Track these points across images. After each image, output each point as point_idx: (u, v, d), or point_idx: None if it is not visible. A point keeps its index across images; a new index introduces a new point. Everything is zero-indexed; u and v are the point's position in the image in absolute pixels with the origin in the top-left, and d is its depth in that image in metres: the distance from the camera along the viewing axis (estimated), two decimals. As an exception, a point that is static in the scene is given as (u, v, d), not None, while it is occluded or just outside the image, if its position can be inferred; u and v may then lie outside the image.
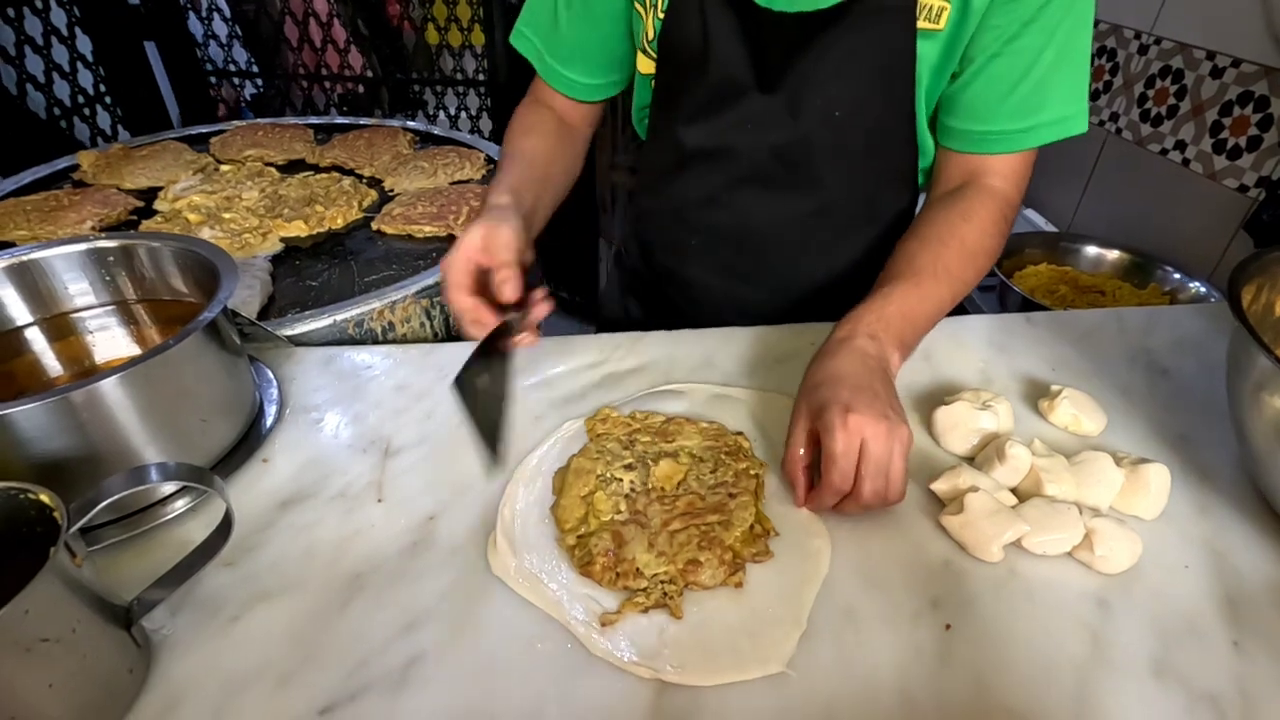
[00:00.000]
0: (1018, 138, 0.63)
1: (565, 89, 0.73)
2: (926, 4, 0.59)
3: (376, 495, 0.54)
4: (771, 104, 0.65)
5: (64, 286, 0.55)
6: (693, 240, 0.78)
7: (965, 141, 0.65)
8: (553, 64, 0.72)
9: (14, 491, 0.37)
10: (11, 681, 0.33)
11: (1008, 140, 0.63)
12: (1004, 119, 0.62)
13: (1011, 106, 0.61)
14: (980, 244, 0.62)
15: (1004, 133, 0.63)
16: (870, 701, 0.41)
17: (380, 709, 0.40)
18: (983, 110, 0.62)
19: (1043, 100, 0.61)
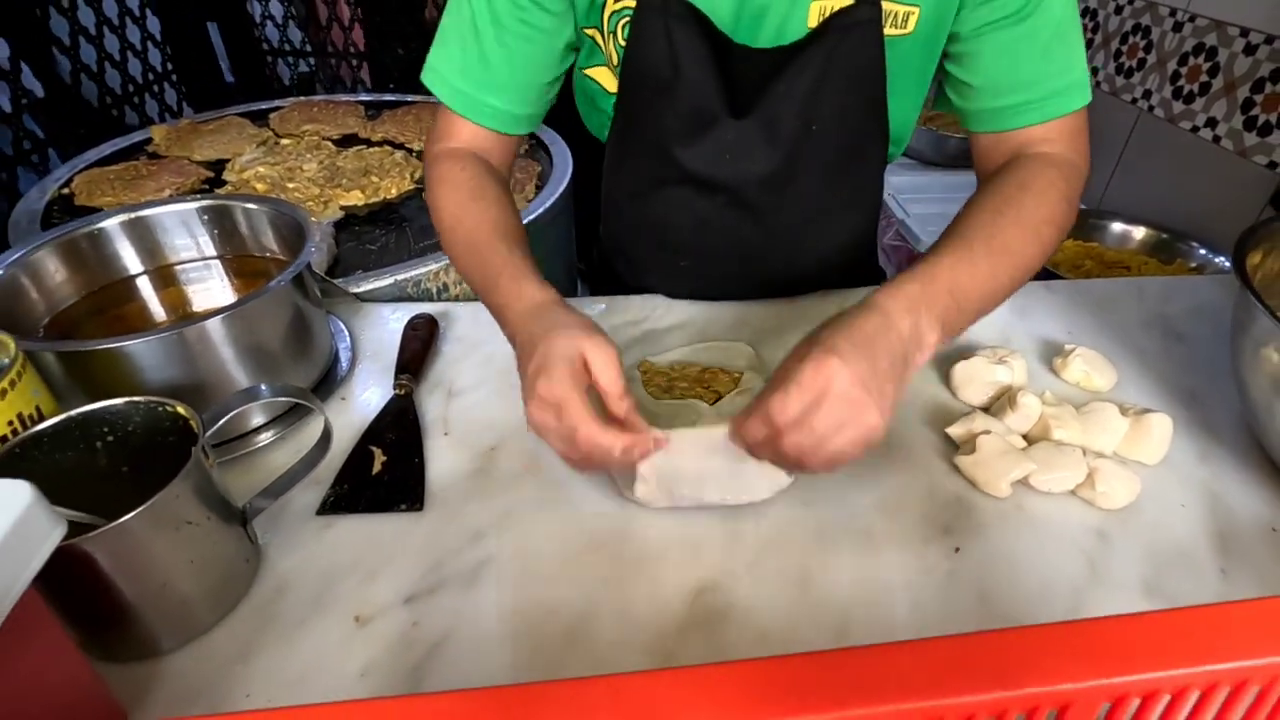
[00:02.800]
0: (1051, 104, 0.59)
1: (490, 121, 0.64)
2: (892, 11, 0.58)
3: (443, 429, 0.60)
4: (746, 130, 0.64)
5: (170, 241, 0.62)
6: (683, 262, 0.76)
7: (996, 120, 0.61)
8: (475, 95, 0.63)
9: (154, 404, 0.44)
10: (165, 553, 0.40)
11: (1040, 108, 0.59)
12: (1030, 87, 0.59)
13: (1035, 72, 0.59)
14: (1040, 213, 0.56)
15: (1035, 101, 0.59)
16: (883, 606, 0.46)
17: (455, 600, 0.46)
18: (1006, 83, 0.60)
19: (1065, 62, 0.59)
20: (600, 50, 0.64)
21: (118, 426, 0.45)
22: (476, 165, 0.63)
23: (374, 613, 0.46)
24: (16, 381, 0.42)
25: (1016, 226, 0.54)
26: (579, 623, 0.45)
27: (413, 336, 0.66)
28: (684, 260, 0.76)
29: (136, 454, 0.46)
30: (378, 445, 0.57)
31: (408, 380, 0.62)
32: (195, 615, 0.43)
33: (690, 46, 0.59)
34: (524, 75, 0.63)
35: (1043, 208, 0.56)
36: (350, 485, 0.54)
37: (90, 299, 0.60)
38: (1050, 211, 0.56)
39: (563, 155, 1.12)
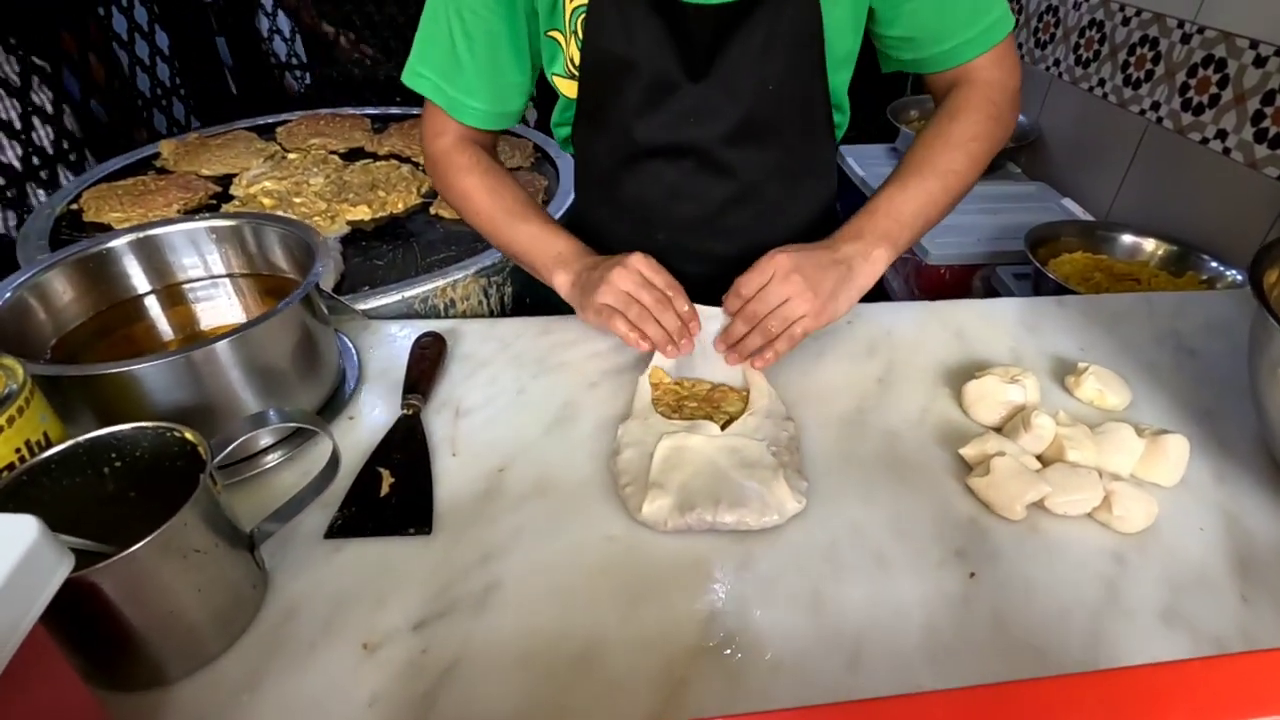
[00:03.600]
0: (980, 39, 0.68)
1: (471, 119, 0.72)
2: None
3: (451, 450, 0.60)
4: (706, 92, 0.68)
5: (179, 259, 0.62)
6: (659, 235, 0.79)
7: (936, 63, 0.71)
8: (456, 96, 0.70)
9: (163, 430, 0.44)
10: (172, 582, 0.39)
11: (972, 45, 0.68)
12: (960, 30, 0.68)
13: (962, 15, 0.67)
14: (965, 132, 0.68)
15: (967, 41, 0.68)
16: (897, 633, 0.46)
17: (465, 625, 0.46)
18: (936, 31, 0.68)
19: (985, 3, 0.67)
20: (562, 53, 0.69)
21: (125, 452, 0.44)
22: (481, 152, 0.75)
23: (382, 639, 0.45)
24: (25, 408, 0.42)
25: (945, 148, 0.67)
26: (590, 648, 0.45)
27: (421, 355, 0.66)
28: (660, 233, 0.79)
29: (144, 479, 0.45)
30: (386, 466, 0.57)
31: (416, 400, 0.62)
32: (202, 643, 0.43)
33: (644, 22, 0.65)
34: (494, 77, 0.70)
35: (970, 127, 0.68)
36: (358, 508, 0.54)
37: (98, 319, 0.60)
38: (976, 129, 0.68)
39: (569, 171, 1.11)
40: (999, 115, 0.69)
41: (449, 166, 0.74)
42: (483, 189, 0.72)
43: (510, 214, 0.71)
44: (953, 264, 1.34)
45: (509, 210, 0.71)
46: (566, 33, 0.67)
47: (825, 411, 0.64)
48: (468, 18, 0.66)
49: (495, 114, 0.73)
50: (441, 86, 0.71)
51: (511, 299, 0.93)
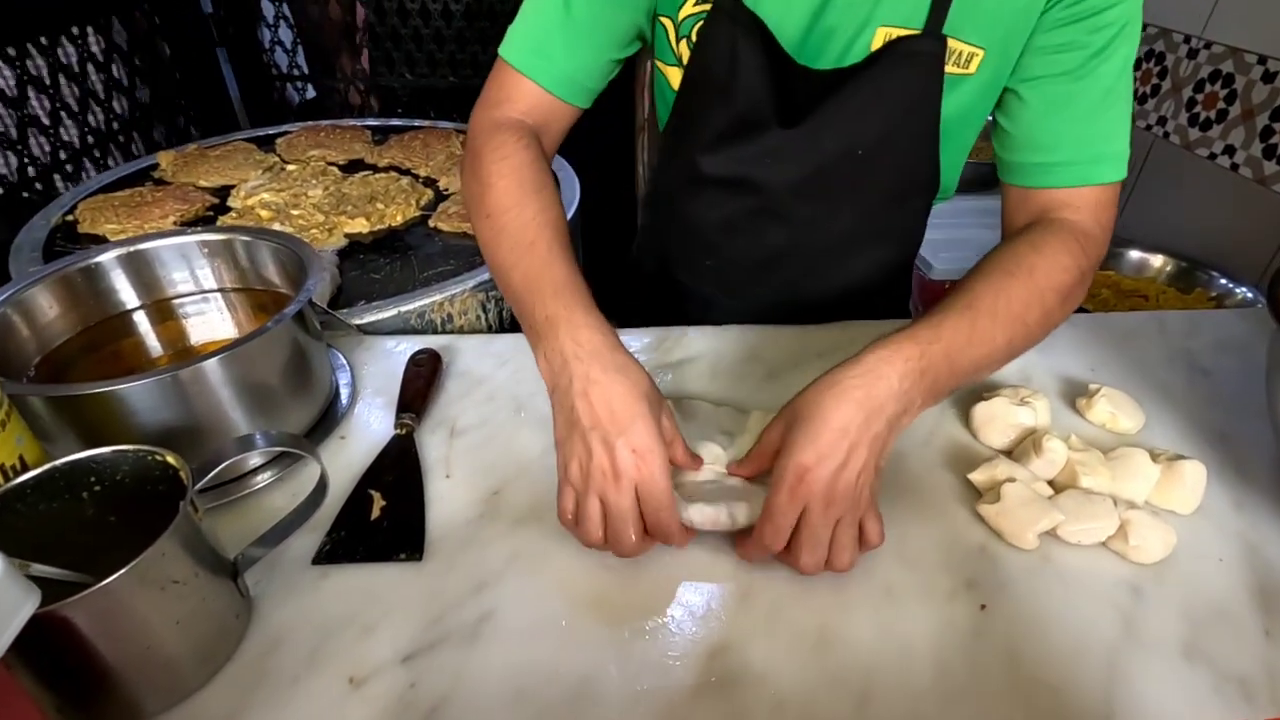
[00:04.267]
0: (1085, 169, 0.59)
1: (550, 82, 0.63)
2: (956, 50, 0.59)
3: (445, 471, 0.58)
4: (792, 139, 0.65)
5: (168, 274, 0.61)
6: (708, 261, 0.77)
7: (1027, 175, 0.61)
8: (548, 55, 0.63)
9: (144, 453, 0.42)
10: (148, 615, 0.38)
11: (1073, 171, 0.59)
12: (1068, 148, 0.59)
13: (1076, 134, 0.58)
14: (1051, 280, 0.54)
15: (1069, 163, 0.59)
16: (907, 670, 0.44)
17: (455, 659, 0.44)
18: (1045, 140, 0.60)
19: (1109, 131, 0.58)
20: (671, 47, 0.67)
21: (105, 475, 0.43)
22: (537, 149, 0.61)
23: (369, 673, 0.43)
24: (5, 432, 0.40)
25: (1024, 290, 0.53)
26: (585, 686, 0.43)
27: (416, 374, 0.64)
28: (709, 259, 0.77)
29: (125, 503, 0.44)
30: (377, 489, 0.55)
31: (410, 419, 0.61)
32: (181, 677, 0.41)
33: (751, 56, 0.61)
34: (591, 47, 0.63)
35: (1054, 275, 0.54)
36: (348, 532, 0.52)
37: (85, 335, 0.59)
38: (1060, 280, 0.55)
39: (570, 183, 1.10)
40: (1086, 275, 0.57)
41: (489, 143, 0.60)
42: (507, 187, 0.57)
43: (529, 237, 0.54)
44: (956, 279, 1.32)
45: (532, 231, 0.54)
46: (678, 33, 0.65)
47: (830, 433, 0.62)
48: None
49: (576, 82, 0.64)
50: (533, 47, 0.63)
51: (509, 314, 0.91)
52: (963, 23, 0.58)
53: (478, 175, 0.59)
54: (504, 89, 0.64)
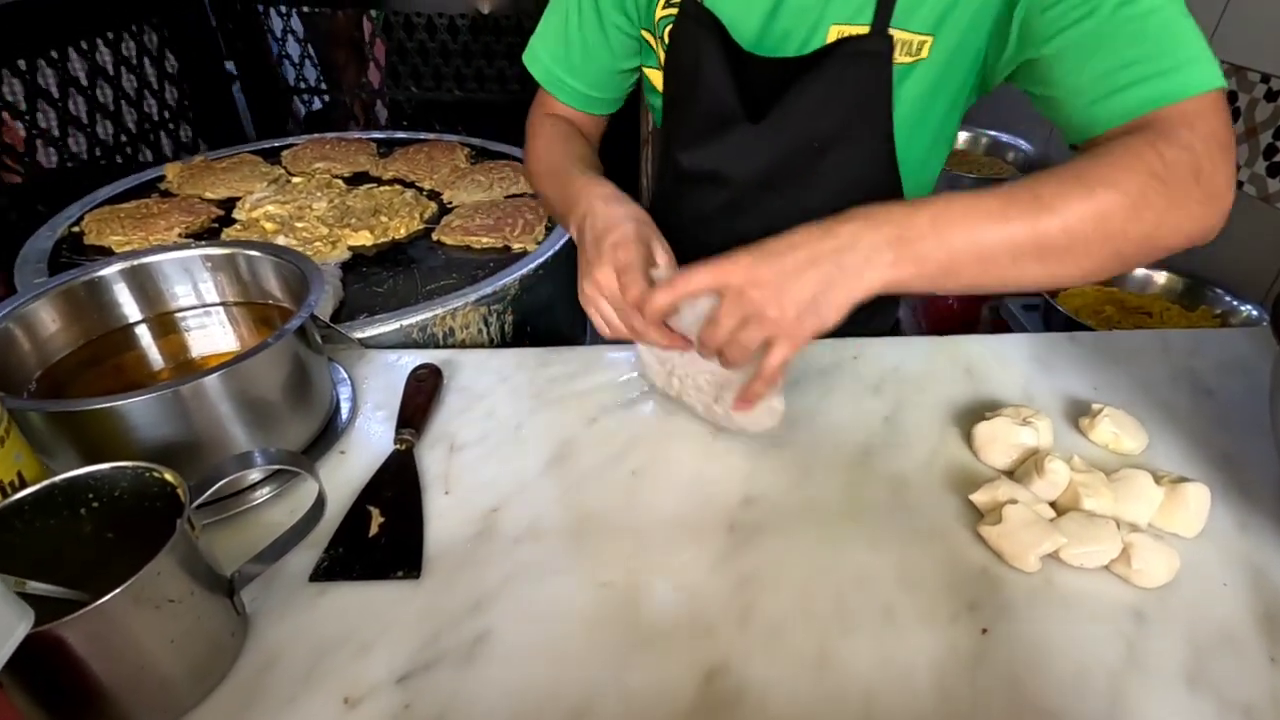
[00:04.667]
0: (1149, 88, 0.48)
1: (567, 98, 0.77)
2: (905, 40, 0.60)
3: (444, 488, 0.58)
4: (759, 133, 0.67)
5: (170, 288, 0.61)
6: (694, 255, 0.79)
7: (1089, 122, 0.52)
8: (560, 75, 0.76)
9: (141, 470, 0.42)
10: (143, 635, 0.38)
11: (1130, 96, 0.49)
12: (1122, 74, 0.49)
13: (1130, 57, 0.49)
14: (1102, 173, 0.46)
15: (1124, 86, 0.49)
16: (908, 694, 0.43)
17: (451, 679, 0.44)
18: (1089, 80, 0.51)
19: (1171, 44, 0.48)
20: (653, 51, 0.73)
21: (103, 492, 0.43)
22: (566, 124, 0.78)
23: (365, 693, 0.43)
24: (4, 447, 0.40)
25: (1060, 180, 0.46)
26: (582, 706, 0.43)
27: (416, 388, 0.65)
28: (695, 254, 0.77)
29: (123, 520, 0.44)
30: (375, 505, 0.55)
31: (409, 435, 0.60)
32: (175, 696, 0.41)
33: (712, 53, 0.65)
34: (599, 63, 0.75)
35: (1110, 170, 0.46)
36: (345, 548, 0.52)
37: (87, 348, 0.59)
38: (1117, 176, 0.45)
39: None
40: (1163, 176, 0.46)
41: (535, 133, 0.77)
42: (542, 145, 0.75)
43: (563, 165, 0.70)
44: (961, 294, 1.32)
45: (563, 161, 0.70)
46: (655, 36, 0.71)
47: (831, 453, 0.62)
48: (584, 6, 0.71)
49: (591, 97, 0.77)
50: (550, 67, 0.76)
51: (512, 328, 0.91)
52: (908, 15, 0.59)
53: (526, 150, 0.78)
54: (543, 98, 0.79)
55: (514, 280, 0.89)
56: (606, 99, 0.79)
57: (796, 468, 0.60)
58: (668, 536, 0.54)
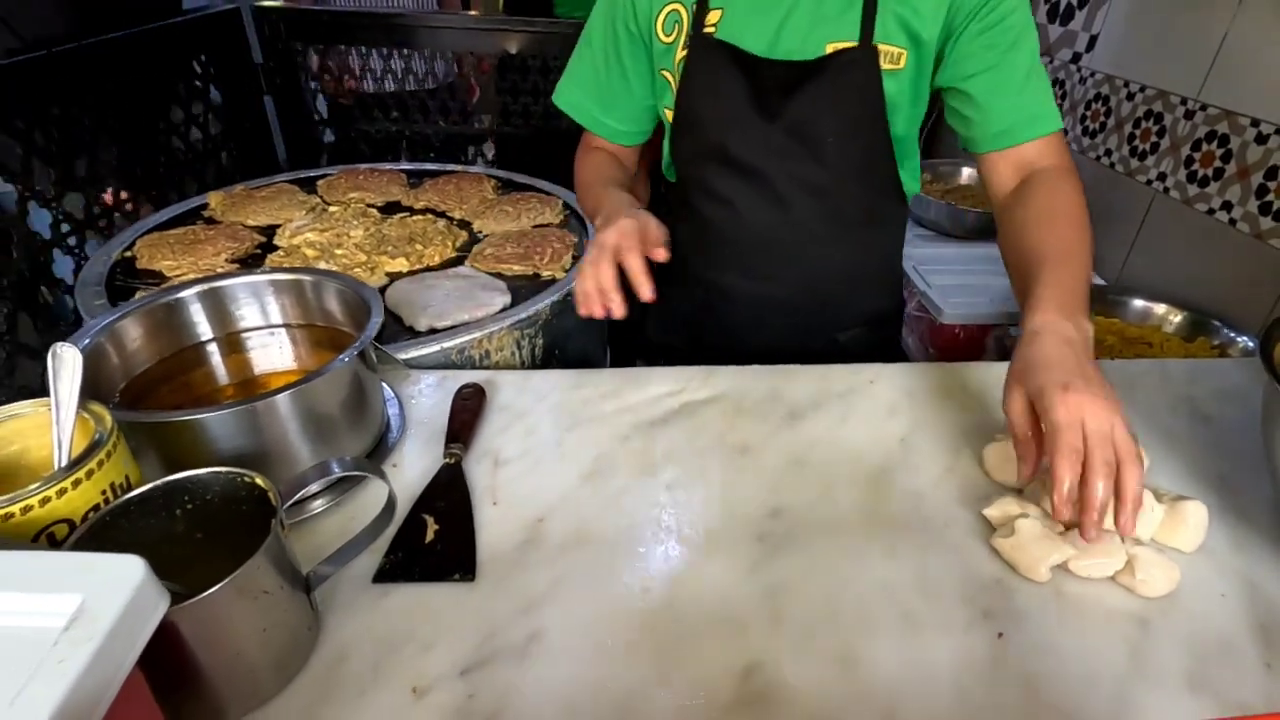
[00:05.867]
0: (1033, 125, 0.76)
1: (608, 135, 0.93)
2: (887, 51, 0.77)
3: (492, 499, 0.62)
4: (774, 131, 0.80)
5: (240, 310, 0.66)
6: (725, 250, 0.92)
7: (993, 141, 0.77)
8: (595, 114, 0.91)
9: (234, 474, 0.46)
10: (240, 623, 0.42)
11: (1026, 128, 0.76)
12: (1023, 108, 0.76)
13: (1025, 98, 0.75)
14: (1079, 213, 0.72)
15: (1021, 123, 0.76)
16: (929, 694, 0.47)
17: (509, 673, 0.48)
18: (1002, 110, 0.76)
19: (1040, 98, 0.76)
20: (670, 90, 0.85)
21: (197, 494, 0.47)
22: (604, 155, 0.95)
23: (431, 684, 0.47)
24: (112, 453, 0.45)
25: (1072, 227, 0.70)
26: (630, 700, 0.46)
27: (462, 406, 0.69)
28: (725, 248, 0.92)
29: (210, 521, 0.48)
30: (430, 513, 0.59)
31: (458, 449, 0.65)
32: (261, 684, 0.44)
33: (725, 71, 0.79)
34: (625, 102, 0.90)
35: (1079, 208, 0.72)
36: (404, 553, 0.56)
37: (163, 364, 0.63)
38: (1077, 202, 0.73)
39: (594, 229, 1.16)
40: (1081, 192, 0.74)
41: (579, 164, 0.95)
42: (589, 168, 0.93)
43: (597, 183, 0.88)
44: (967, 323, 1.37)
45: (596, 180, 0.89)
46: (674, 74, 0.84)
47: (852, 470, 0.66)
48: (609, 47, 0.86)
49: (628, 131, 0.92)
50: (583, 105, 0.91)
51: (542, 351, 0.96)
52: (887, 32, 0.76)
53: (576, 176, 0.96)
54: (586, 135, 0.96)
55: (545, 306, 0.94)
56: (635, 131, 0.93)
57: (819, 484, 0.64)
58: (702, 545, 0.58)
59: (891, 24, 0.76)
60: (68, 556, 0.33)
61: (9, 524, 0.40)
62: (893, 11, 0.75)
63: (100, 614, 0.30)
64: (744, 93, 0.79)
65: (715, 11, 0.79)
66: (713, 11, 0.80)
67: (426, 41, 1.45)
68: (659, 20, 0.83)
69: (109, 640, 0.29)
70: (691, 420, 0.72)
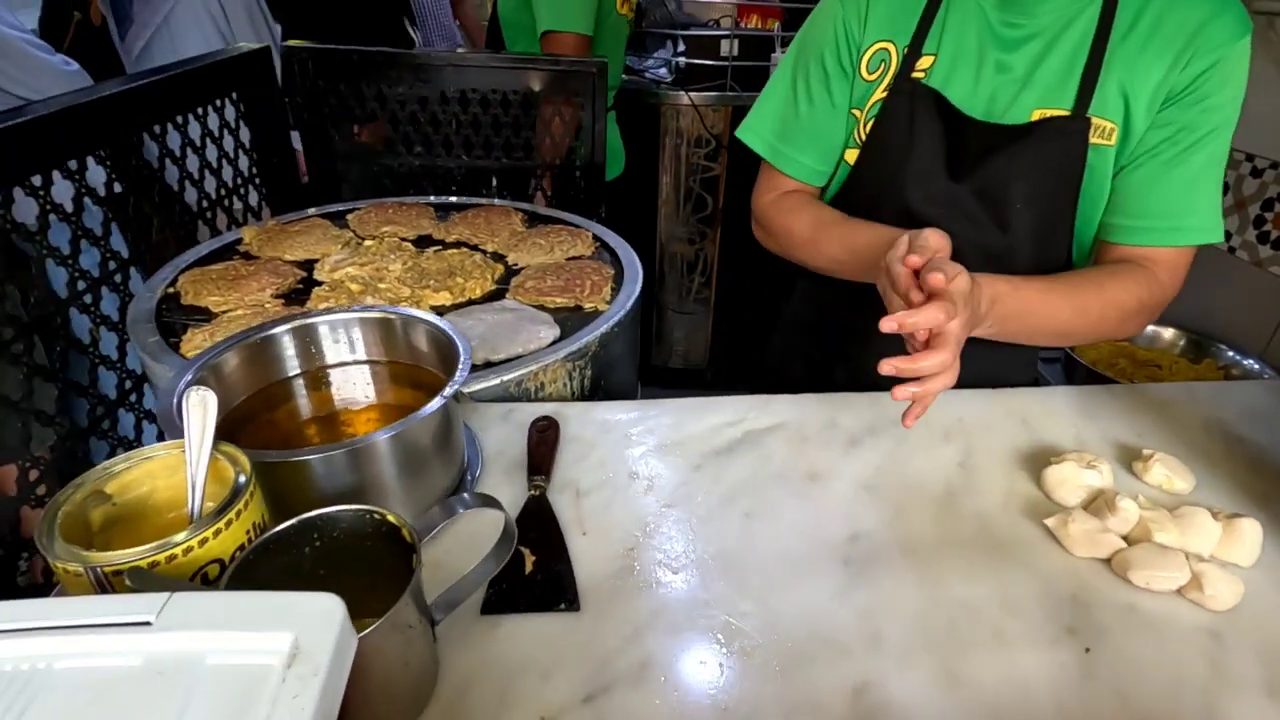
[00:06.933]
0: (1166, 234, 0.74)
1: (797, 173, 0.88)
2: (1099, 125, 0.73)
3: (581, 529, 0.64)
4: (959, 191, 0.78)
5: (328, 346, 0.68)
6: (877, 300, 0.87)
7: (1113, 234, 0.77)
8: (788, 152, 0.87)
9: (362, 511, 0.48)
10: (391, 654, 0.43)
11: (1154, 234, 0.74)
12: (1155, 215, 0.74)
13: (1163, 204, 0.73)
14: (1115, 298, 0.72)
15: (1151, 228, 0.74)
16: (1030, 708, 0.49)
17: (630, 699, 0.49)
18: (1134, 205, 0.74)
19: (1191, 204, 0.73)
20: (855, 133, 0.83)
21: (326, 531, 0.48)
22: (805, 196, 0.88)
23: (557, 712, 0.48)
24: (253, 494, 0.46)
25: (1094, 296, 0.72)
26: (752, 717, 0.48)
27: (540, 439, 0.71)
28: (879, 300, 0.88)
29: (333, 557, 0.49)
30: (525, 545, 0.61)
31: (541, 481, 0.67)
32: (402, 713, 0.46)
33: (927, 120, 0.77)
34: (825, 137, 0.85)
35: (1119, 295, 0.72)
36: (507, 585, 0.57)
37: (253, 399, 0.65)
38: (1122, 300, 0.72)
39: (631, 260, 1.19)
40: (1145, 312, 0.74)
41: (776, 212, 0.87)
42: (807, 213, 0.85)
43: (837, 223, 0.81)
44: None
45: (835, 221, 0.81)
46: (864, 114, 0.82)
47: (918, 494, 0.69)
48: (812, 84, 0.83)
49: (817, 170, 0.87)
50: (772, 143, 0.87)
51: (589, 383, 0.98)
52: (1104, 104, 0.72)
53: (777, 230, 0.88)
54: (765, 182, 0.91)
55: (595, 338, 0.96)
56: (826, 171, 0.88)
57: (889, 508, 0.67)
58: (788, 570, 0.60)
59: (1112, 94, 0.72)
60: (269, 596, 0.34)
61: (172, 564, 0.41)
62: (1117, 80, 0.71)
63: (317, 650, 0.31)
64: (939, 147, 0.77)
65: (928, 57, 0.77)
66: (925, 57, 0.77)
67: (451, 80, 1.49)
68: (866, 57, 0.80)
69: (330, 675, 0.31)
70: (757, 449, 0.75)
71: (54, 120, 0.93)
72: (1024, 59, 0.74)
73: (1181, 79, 0.70)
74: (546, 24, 1.54)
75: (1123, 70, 0.71)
